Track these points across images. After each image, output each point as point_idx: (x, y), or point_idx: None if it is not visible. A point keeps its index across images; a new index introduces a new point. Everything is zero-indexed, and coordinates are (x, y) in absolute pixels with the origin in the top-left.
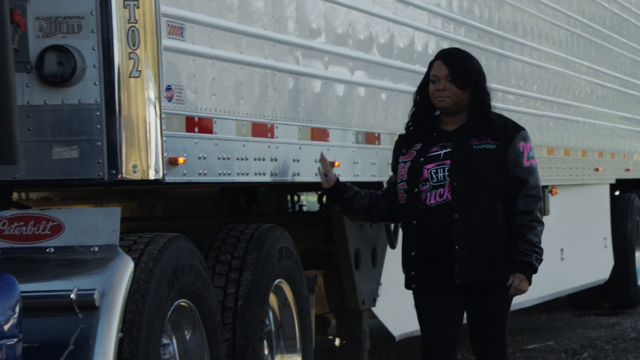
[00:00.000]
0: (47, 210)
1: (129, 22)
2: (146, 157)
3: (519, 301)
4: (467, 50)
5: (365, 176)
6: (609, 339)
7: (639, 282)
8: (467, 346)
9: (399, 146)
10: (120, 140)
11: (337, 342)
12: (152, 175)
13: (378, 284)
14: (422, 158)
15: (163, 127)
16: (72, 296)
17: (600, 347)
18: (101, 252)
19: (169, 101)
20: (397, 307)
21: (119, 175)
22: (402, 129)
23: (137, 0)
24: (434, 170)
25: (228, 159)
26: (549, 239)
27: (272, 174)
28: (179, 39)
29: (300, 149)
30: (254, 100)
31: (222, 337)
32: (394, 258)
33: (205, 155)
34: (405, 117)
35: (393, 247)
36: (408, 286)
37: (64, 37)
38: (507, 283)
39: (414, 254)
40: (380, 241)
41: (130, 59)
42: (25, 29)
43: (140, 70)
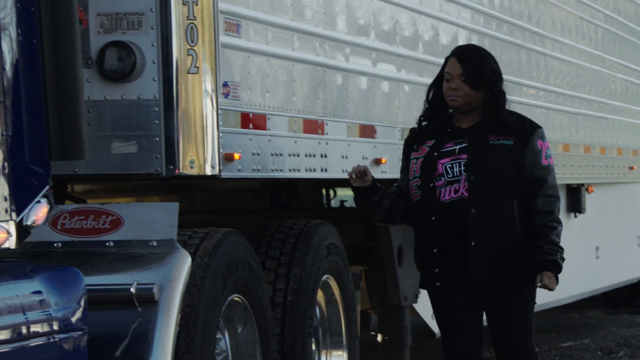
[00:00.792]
0: (107, 204)
1: (187, 19)
2: (203, 152)
3: (555, 299)
4: (505, 46)
5: None
6: None
7: None
8: None
9: (410, 143)
10: (177, 135)
11: (379, 338)
12: (208, 171)
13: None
14: (435, 153)
15: (220, 123)
16: (132, 290)
17: (636, 346)
18: (159, 246)
19: (225, 97)
20: None
21: (177, 171)
22: None
23: None
24: (449, 165)
25: (280, 155)
26: (585, 237)
27: (322, 170)
28: (235, 35)
29: (349, 145)
30: (305, 97)
31: (273, 332)
32: None
33: (259, 152)
34: None
35: None
36: (427, 285)
37: (124, 33)
38: (536, 282)
39: (435, 251)
40: None
41: (188, 55)
42: (86, 25)
43: (198, 67)
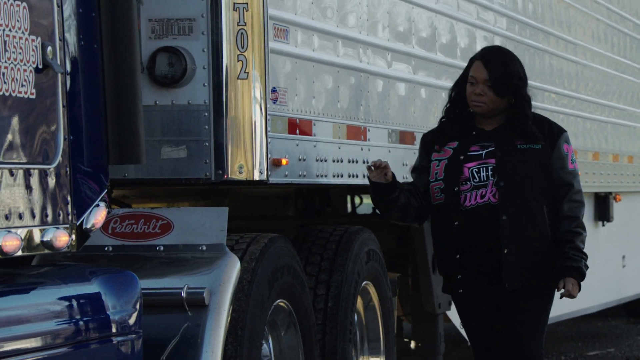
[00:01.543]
0: (157, 209)
1: (238, 25)
2: (251, 158)
3: (582, 307)
4: (534, 52)
5: None
6: None
7: None
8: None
9: (431, 143)
10: (227, 141)
11: (412, 344)
12: (257, 176)
13: None
14: (461, 156)
15: (268, 129)
16: (183, 294)
17: None
18: (209, 251)
19: (274, 103)
20: None
21: (225, 176)
22: None
23: (247, 3)
24: (476, 169)
25: (325, 161)
26: (612, 245)
27: (364, 177)
28: (283, 41)
29: (389, 152)
30: (349, 103)
31: (316, 338)
32: None
33: (305, 157)
34: None
35: None
36: (450, 290)
37: (175, 39)
38: (558, 288)
39: (458, 257)
40: None
41: (238, 60)
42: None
43: (247, 72)
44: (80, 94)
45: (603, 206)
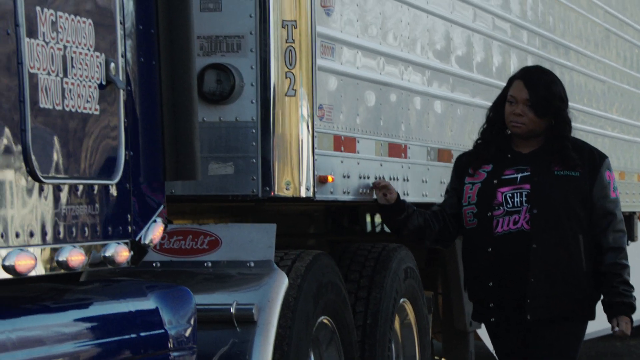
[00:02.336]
0: (205, 225)
1: (286, 42)
2: (298, 174)
3: (601, 328)
4: (569, 73)
5: None
6: None
7: None
8: None
9: (465, 165)
10: (274, 157)
11: None
12: (303, 193)
13: None
14: (495, 180)
15: (315, 146)
16: (232, 310)
17: None
18: (257, 267)
19: (320, 120)
20: None
21: (272, 192)
22: None
23: (295, 21)
24: (510, 195)
25: (367, 178)
26: (636, 265)
27: (404, 194)
28: (330, 58)
29: (428, 170)
30: (390, 121)
31: (357, 355)
32: None
33: (349, 174)
34: None
35: None
36: (480, 319)
37: (223, 56)
38: (612, 328)
39: (491, 284)
40: None
41: (286, 77)
42: None
43: (295, 89)
44: (139, 111)
45: (627, 226)
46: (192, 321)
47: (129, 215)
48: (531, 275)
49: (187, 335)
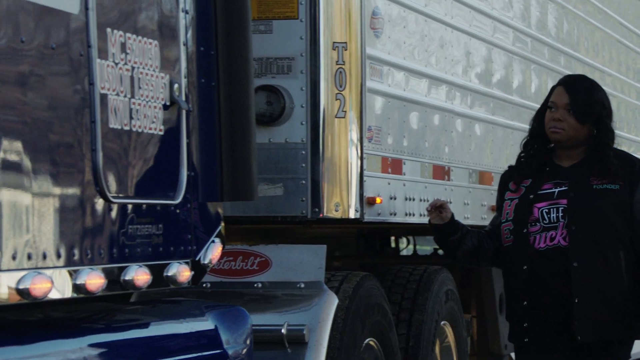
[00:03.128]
0: (255, 246)
1: (336, 64)
2: (347, 196)
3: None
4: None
5: None
6: None
7: None
8: None
9: (507, 180)
10: (323, 179)
11: None
12: (352, 214)
13: None
14: (532, 195)
15: (364, 167)
16: (283, 331)
17: None
18: (307, 288)
19: (369, 141)
20: None
21: (321, 214)
22: None
23: (346, 42)
24: (546, 210)
25: (412, 200)
26: None
27: None
28: (378, 80)
29: (470, 192)
30: (434, 143)
31: None
32: None
33: (395, 196)
34: None
35: None
36: (516, 340)
37: (273, 77)
38: None
39: (525, 303)
40: None
41: (336, 99)
42: None
43: (345, 111)
44: (199, 131)
45: None
46: (249, 341)
47: (190, 235)
48: (575, 295)
49: (244, 354)
